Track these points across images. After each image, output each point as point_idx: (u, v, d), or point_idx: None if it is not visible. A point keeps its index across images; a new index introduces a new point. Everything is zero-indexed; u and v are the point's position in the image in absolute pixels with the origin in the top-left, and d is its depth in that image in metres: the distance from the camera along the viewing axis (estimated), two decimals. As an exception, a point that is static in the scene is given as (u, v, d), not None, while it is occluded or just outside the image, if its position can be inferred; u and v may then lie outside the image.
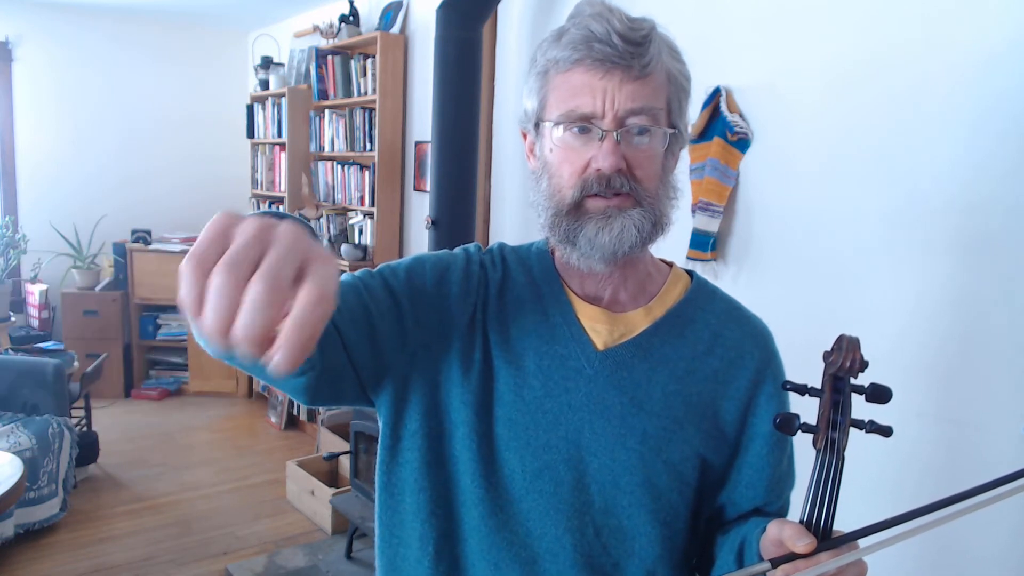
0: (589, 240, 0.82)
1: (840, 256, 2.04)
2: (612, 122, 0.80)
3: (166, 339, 5.13)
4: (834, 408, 0.71)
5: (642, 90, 0.80)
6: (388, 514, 0.92)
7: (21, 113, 4.99)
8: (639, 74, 0.80)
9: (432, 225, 3.11)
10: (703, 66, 2.36)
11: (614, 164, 0.80)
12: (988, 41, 1.73)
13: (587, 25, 0.80)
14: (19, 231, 4.85)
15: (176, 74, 5.44)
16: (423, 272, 0.90)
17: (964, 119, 1.78)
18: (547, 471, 0.86)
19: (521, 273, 0.94)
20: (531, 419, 0.86)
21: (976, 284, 1.77)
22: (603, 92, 0.80)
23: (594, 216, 0.82)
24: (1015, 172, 1.69)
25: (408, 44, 3.92)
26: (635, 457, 0.86)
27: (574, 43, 0.80)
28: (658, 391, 0.88)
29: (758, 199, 2.26)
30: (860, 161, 1.99)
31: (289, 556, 3.07)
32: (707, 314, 0.94)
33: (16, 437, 3.14)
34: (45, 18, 4.96)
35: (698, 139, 2.34)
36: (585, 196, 0.82)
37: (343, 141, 4.15)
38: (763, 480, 0.92)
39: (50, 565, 2.96)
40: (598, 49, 0.79)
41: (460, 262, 0.93)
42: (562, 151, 0.83)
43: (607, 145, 0.80)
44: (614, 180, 0.81)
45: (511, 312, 0.91)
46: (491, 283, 0.92)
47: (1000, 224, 1.72)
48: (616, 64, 0.79)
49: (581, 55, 0.80)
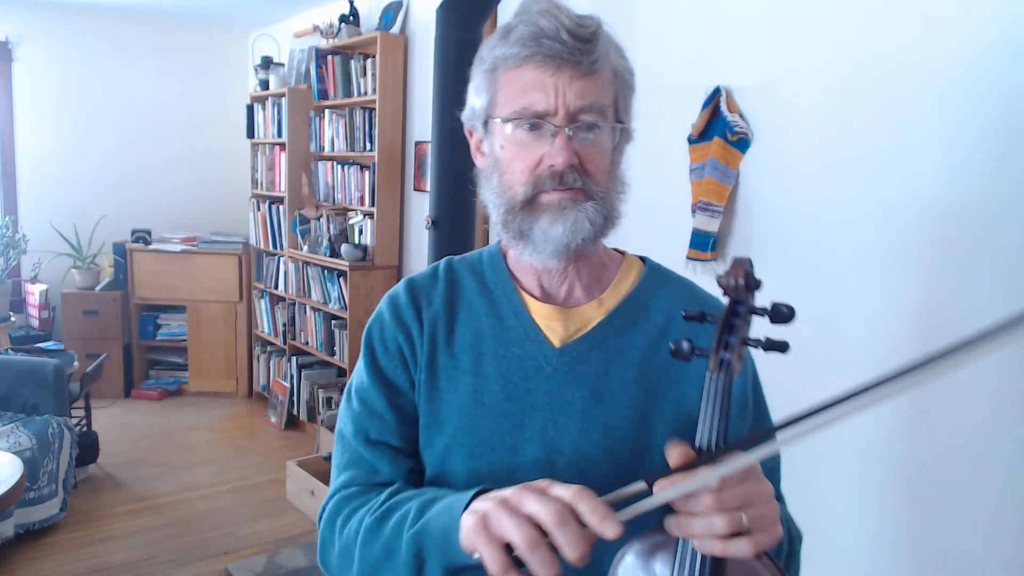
0: (543, 232, 0.83)
1: (840, 256, 2.03)
2: (564, 118, 0.81)
3: (166, 339, 5.13)
4: (727, 329, 0.71)
5: (591, 86, 0.81)
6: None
7: (21, 113, 4.99)
8: (588, 70, 0.81)
9: (432, 225, 3.11)
10: (703, 66, 2.37)
11: (567, 159, 0.81)
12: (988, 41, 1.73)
13: (536, 22, 0.80)
14: (19, 231, 4.85)
15: (176, 74, 5.44)
16: (374, 374, 0.94)
17: (964, 119, 1.78)
18: (516, 473, 0.86)
19: (472, 280, 0.95)
20: (495, 424, 0.87)
21: (976, 283, 1.77)
22: (554, 88, 0.80)
23: (548, 209, 0.83)
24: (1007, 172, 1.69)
25: (408, 44, 3.92)
26: (600, 450, 0.86)
27: (523, 40, 0.80)
28: (617, 382, 0.89)
29: (758, 199, 2.26)
30: (860, 161, 1.99)
31: (289, 556, 3.07)
32: (660, 299, 0.94)
33: (16, 437, 3.14)
34: (45, 18, 4.97)
35: (698, 139, 2.34)
36: (538, 192, 0.83)
37: (343, 141, 4.15)
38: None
39: (50, 565, 2.96)
40: (548, 45, 0.79)
41: (376, 332, 0.95)
42: (513, 148, 0.84)
43: (560, 141, 0.81)
44: (567, 176, 0.82)
45: (463, 321, 0.92)
46: (434, 303, 0.94)
47: (1002, 225, 1.72)
48: (566, 61, 0.80)
49: (531, 51, 0.80)
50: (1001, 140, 1.72)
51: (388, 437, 0.92)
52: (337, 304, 4.08)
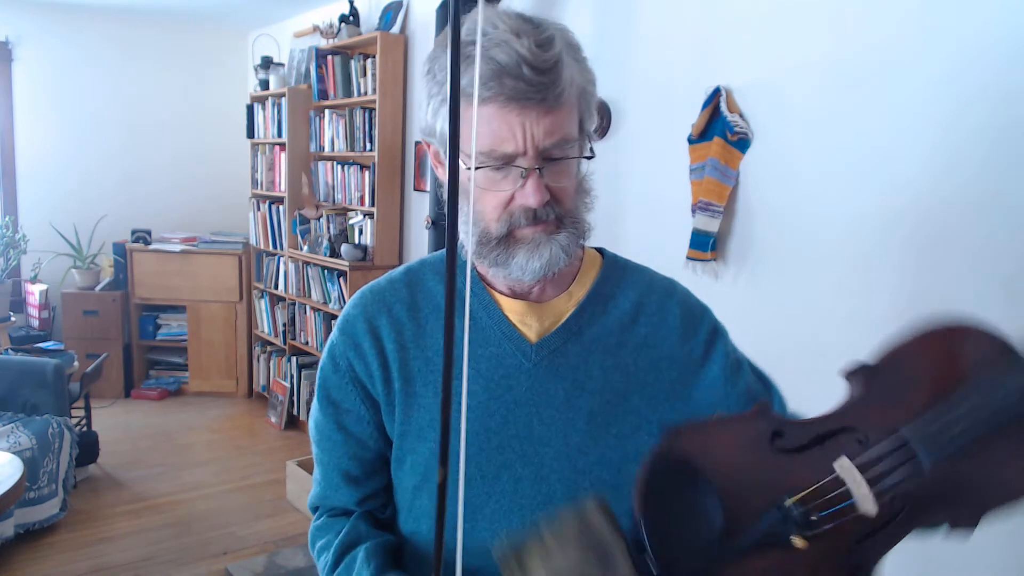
0: (520, 266, 0.83)
1: (840, 255, 2.03)
2: (533, 159, 0.78)
3: (166, 339, 5.13)
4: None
5: (558, 120, 0.78)
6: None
7: (21, 113, 4.99)
8: (553, 105, 0.77)
9: (432, 225, 3.11)
10: (703, 66, 2.37)
11: (540, 199, 0.80)
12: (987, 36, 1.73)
13: (493, 56, 0.75)
14: (19, 231, 4.85)
15: (176, 74, 5.44)
16: (322, 397, 0.97)
17: (965, 119, 1.78)
18: (504, 471, 0.88)
19: (437, 282, 0.95)
20: (480, 424, 0.88)
21: (976, 282, 1.77)
22: (521, 128, 0.77)
23: (523, 244, 0.83)
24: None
25: (408, 44, 3.92)
26: (586, 438, 0.88)
27: (483, 79, 0.75)
28: (596, 369, 0.90)
29: (758, 199, 2.26)
30: (860, 161, 1.99)
31: (289, 556, 3.07)
32: (624, 287, 0.96)
33: (16, 437, 3.14)
34: (45, 18, 4.97)
35: (698, 139, 2.34)
36: (512, 228, 0.82)
37: (343, 141, 4.15)
38: (739, 406, 0.93)
39: (50, 565, 2.96)
40: (510, 86, 0.75)
41: (328, 354, 0.97)
42: (484, 182, 0.81)
43: (532, 183, 0.79)
44: (540, 212, 0.81)
45: (432, 324, 0.92)
46: (395, 308, 0.93)
47: (1012, 224, 1.72)
48: (531, 100, 0.76)
49: (492, 92, 0.75)
50: (1001, 140, 1.72)
51: (340, 459, 0.96)
52: (337, 304, 4.08)
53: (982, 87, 1.75)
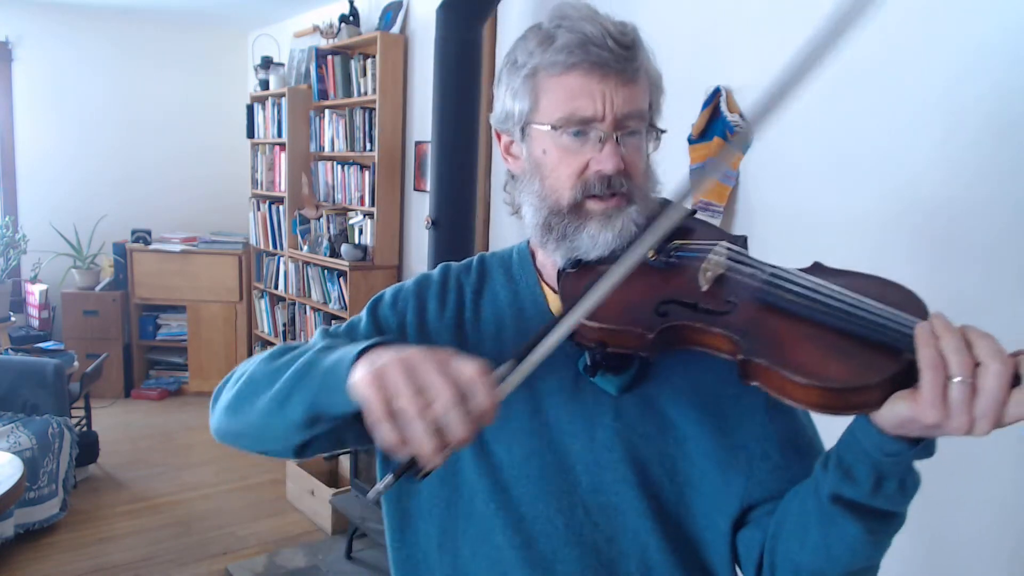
0: (592, 237, 0.85)
1: (841, 255, 2.03)
2: (611, 125, 0.83)
3: (166, 339, 5.13)
4: None
5: (634, 93, 0.84)
6: (398, 520, 0.96)
7: (21, 113, 4.99)
8: (631, 78, 0.83)
9: (432, 225, 3.11)
10: (703, 66, 2.37)
11: (616, 165, 0.83)
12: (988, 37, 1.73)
13: (581, 28, 0.81)
14: (19, 231, 4.85)
15: (176, 74, 5.44)
16: (395, 309, 0.96)
17: (965, 118, 1.78)
18: (534, 457, 0.88)
19: (500, 273, 0.99)
20: (512, 409, 0.88)
21: (975, 281, 1.77)
22: (602, 95, 0.82)
23: (596, 216, 0.86)
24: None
25: (408, 44, 3.92)
26: (611, 434, 0.88)
27: (569, 47, 0.81)
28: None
29: (758, 199, 2.26)
30: (861, 161, 1.99)
31: (289, 556, 3.07)
32: None
33: (16, 437, 3.14)
34: (45, 18, 4.97)
35: (698, 139, 2.34)
36: (586, 197, 0.85)
37: (343, 141, 4.15)
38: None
39: (50, 565, 2.97)
40: (595, 53, 0.81)
41: (392, 290, 0.99)
42: (558, 152, 0.85)
43: (609, 148, 0.83)
44: (615, 181, 0.84)
45: (488, 309, 0.96)
46: (466, 289, 0.98)
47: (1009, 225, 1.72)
48: (612, 68, 0.82)
49: (578, 59, 0.81)
50: (1000, 138, 1.72)
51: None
52: (337, 304, 4.08)
53: (984, 88, 1.75)
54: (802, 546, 0.80)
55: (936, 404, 0.63)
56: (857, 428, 0.73)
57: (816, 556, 0.79)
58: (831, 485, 0.75)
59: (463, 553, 0.90)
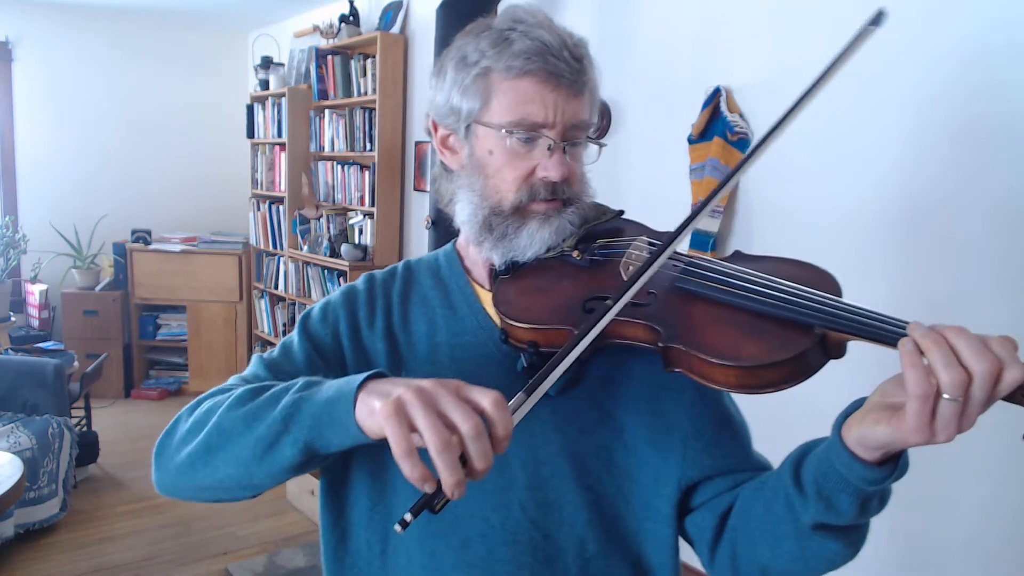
0: (531, 235, 0.88)
1: (841, 254, 2.03)
2: (559, 134, 0.86)
3: (166, 339, 5.13)
4: None
5: (581, 105, 0.87)
6: (335, 531, 0.97)
7: (21, 113, 4.99)
8: (579, 90, 0.86)
9: (432, 225, 3.11)
10: (703, 66, 2.37)
11: (563, 174, 0.86)
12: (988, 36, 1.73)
13: (539, 37, 0.84)
14: (19, 231, 4.85)
15: (176, 74, 5.44)
16: (302, 332, 0.94)
17: (965, 118, 1.78)
18: None
19: (428, 276, 1.00)
20: None
21: (976, 281, 1.77)
22: (553, 104, 0.84)
23: (536, 216, 0.89)
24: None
25: (408, 44, 3.92)
26: (549, 428, 0.89)
27: (528, 53, 0.83)
28: None
29: (758, 199, 2.26)
30: (861, 161, 1.99)
31: (289, 556, 3.07)
32: None
33: (16, 437, 3.14)
34: (45, 18, 4.97)
35: (698, 139, 2.34)
36: (530, 200, 0.88)
37: (343, 141, 4.15)
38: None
39: (50, 565, 2.96)
40: (551, 62, 0.83)
41: (320, 305, 0.97)
42: (506, 155, 0.87)
43: (557, 157, 0.86)
44: (558, 188, 0.88)
45: (417, 313, 0.96)
46: (393, 295, 0.98)
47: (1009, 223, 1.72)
48: (565, 79, 0.84)
49: (535, 66, 0.83)
50: (1000, 139, 1.72)
51: (295, 358, 0.92)
52: (337, 304, 4.07)
53: (984, 88, 1.75)
54: (774, 553, 0.81)
55: (923, 429, 0.63)
56: (833, 455, 0.72)
57: (792, 564, 0.80)
58: (813, 515, 0.75)
59: (399, 560, 0.90)
